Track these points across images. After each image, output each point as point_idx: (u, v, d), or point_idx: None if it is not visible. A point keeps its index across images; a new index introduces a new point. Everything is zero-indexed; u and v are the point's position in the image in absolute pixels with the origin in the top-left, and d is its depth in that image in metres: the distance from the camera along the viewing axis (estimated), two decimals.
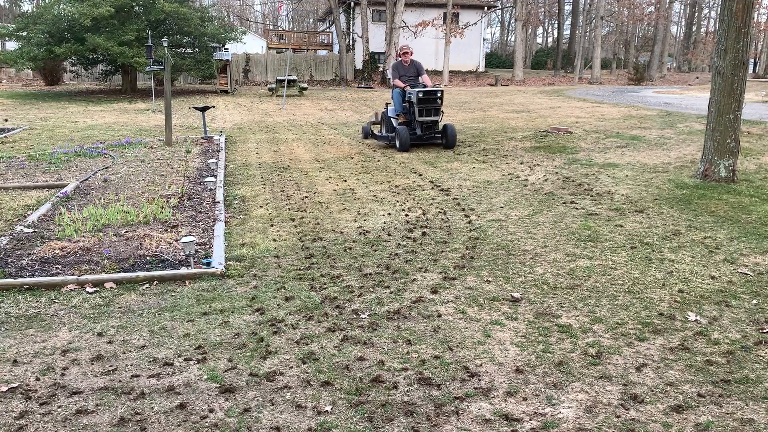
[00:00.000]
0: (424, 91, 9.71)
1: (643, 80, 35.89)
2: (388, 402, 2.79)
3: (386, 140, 10.55)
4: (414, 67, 10.54)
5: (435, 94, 9.81)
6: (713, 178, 7.31)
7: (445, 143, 10.20)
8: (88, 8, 19.41)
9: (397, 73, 10.48)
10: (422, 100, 9.75)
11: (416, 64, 10.61)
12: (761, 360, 3.17)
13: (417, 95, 9.65)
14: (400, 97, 10.31)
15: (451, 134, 10.13)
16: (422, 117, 9.92)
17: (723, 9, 7.10)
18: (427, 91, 9.73)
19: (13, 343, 3.38)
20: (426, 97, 9.76)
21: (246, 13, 68.43)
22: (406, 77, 10.45)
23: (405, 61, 10.51)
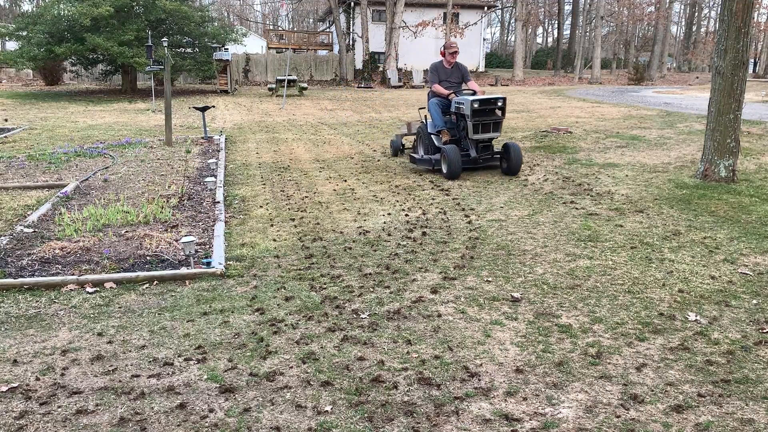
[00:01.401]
0: (482, 100, 7.56)
1: (643, 80, 35.88)
2: (388, 402, 2.79)
3: (428, 164, 8.28)
4: (459, 71, 8.42)
5: (495, 104, 7.62)
6: (713, 178, 7.31)
7: (507, 167, 7.90)
8: (88, 8, 19.41)
9: (436, 77, 8.32)
10: (478, 111, 7.58)
11: (461, 68, 8.47)
12: (761, 360, 3.17)
13: (472, 106, 7.50)
14: (439, 108, 8.18)
15: (516, 156, 7.79)
16: (478, 134, 7.72)
17: (723, 9, 7.10)
18: (485, 99, 7.59)
19: (13, 343, 3.38)
20: (483, 107, 7.57)
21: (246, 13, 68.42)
22: (448, 83, 8.35)
23: (448, 62, 8.32)
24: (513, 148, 7.83)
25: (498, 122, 7.72)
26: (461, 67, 8.48)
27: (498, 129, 7.77)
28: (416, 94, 25.45)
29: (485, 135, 7.77)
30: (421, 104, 20.34)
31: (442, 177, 7.89)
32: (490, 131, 7.75)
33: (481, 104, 7.54)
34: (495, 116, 7.69)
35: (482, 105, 7.56)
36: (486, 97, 7.60)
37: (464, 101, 7.64)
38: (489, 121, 7.66)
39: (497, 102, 7.62)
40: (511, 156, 7.81)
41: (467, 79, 8.44)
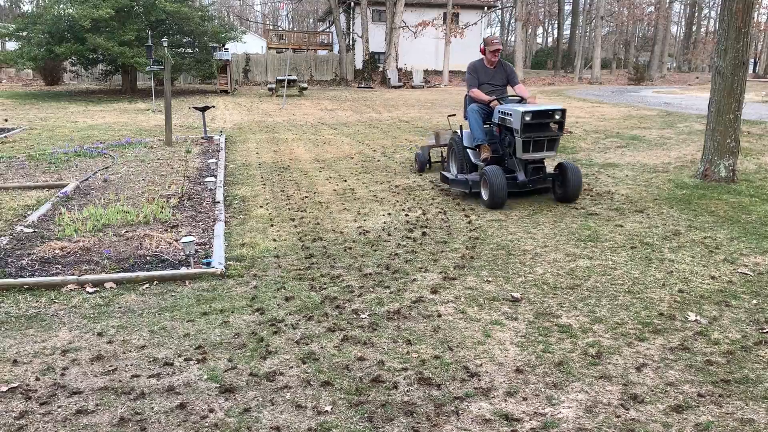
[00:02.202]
0: (536, 111, 5.99)
1: (643, 80, 35.89)
2: (388, 402, 2.79)
3: (463, 186, 6.70)
4: (503, 72, 6.95)
5: (552, 116, 6.08)
6: (713, 178, 7.31)
7: (562, 194, 6.39)
8: (88, 10, 19.42)
9: (475, 79, 6.85)
10: (530, 126, 6.00)
11: (506, 68, 7.02)
12: (761, 360, 3.17)
13: (522, 118, 5.94)
14: (480, 117, 6.67)
15: (575, 179, 6.28)
16: (529, 153, 6.17)
17: (723, 9, 7.10)
18: (540, 111, 6.01)
19: (13, 343, 3.38)
20: (537, 120, 6.01)
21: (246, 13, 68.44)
22: (490, 86, 6.84)
23: (490, 62, 6.85)
24: (571, 170, 6.29)
25: (554, 139, 6.19)
26: (506, 67, 6.99)
27: (553, 147, 6.25)
28: (416, 94, 25.45)
29: (538, 154, 6.18)
30: (421, 105, 20.38)
31: (480, 204, 6.43)
32: (543, 150, 6.18)
33: (534, 116, 5.95)
34: (551, 132, 6.11)
35: (536, 117, 5.97)
36: (541, 108, 6.02)
37: (512, 112, 6.10)
38: (543, 137, 6.09)
39: (555, 114, 6.04)
40: (569, 179, 6.27)
41: (514, 81, 6.95)
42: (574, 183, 6.29)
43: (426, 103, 20.98)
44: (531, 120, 5.97)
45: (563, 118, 6.09)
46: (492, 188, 6.11)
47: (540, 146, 6.17)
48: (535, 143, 6.12)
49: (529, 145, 6.11)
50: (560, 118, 6.08)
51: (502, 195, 6.12)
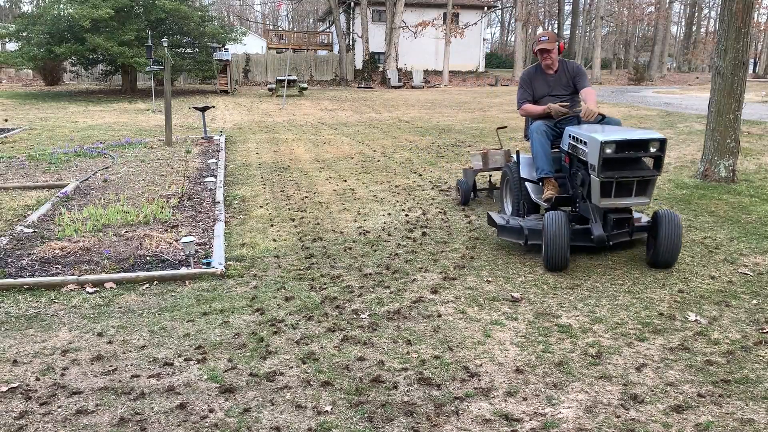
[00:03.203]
0: (624, 142, 4.18)
1: (643, 80, 35.90)
2: (388, 402, 2.79)
3: (517, 236, 4.85)
4: (565, 76, 5.16)
5: (647, 147, 4.22)
6: (713, 178, 7.31)
7: (654, 255, 4.51)
8: (88, 10, 19.42)
9: (527, 93, 5.21)
10: (613, 161, 4.23)
11: (571, 69, 5.19)
12: (761, 360, 3.17)
13: (602, 150, 4.14)
14: (548, 140, 4.97)
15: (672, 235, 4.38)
16: (610, 199, 4.31)
17: (723, 9, 7.10)
18: (631, 141, 4.19)
19: (13, 343, 3.38)
20: (623, 155, 4.21)
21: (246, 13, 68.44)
22: (552, 99, 5.11)
23: (547, 67, 5.13)
24: (669, 222, 4.35)
25: (648, 181, 4.28)
26: (570, 69, 5.15)
27: (646, 192, 4.31)
28: (416, 95, 25.46)
29: (622, 201, 4.30)
30: (421, 105, 20.37)
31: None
32: (632, 195, 4.29)
33: (620, 148, 4.15)
34: (644, 170, 4.25)
35: (622, 150, 4.17)
36: (632, 137, 4.17)
37: (588, 139, 4.29)
38: (632, 178, 4.21)
39: (651, 145, 4.17)
40: (662, 237, 4.35)
41: (581, 84, 5.12)
42: (669, 243, 4.32)
43: (426, 103, 20.99)
44: (615, 153, 4.13)
45: (662, 152, 4.18)
46: (548, 246, 4.37)
47: (626, 190, 4.27)
48: (619, 186, 4.23)
49: (610, 188, 4.23)
50: (657, 151, 4.17)
51: (560, 257, 4.35)
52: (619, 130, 4.48)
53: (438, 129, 13.33)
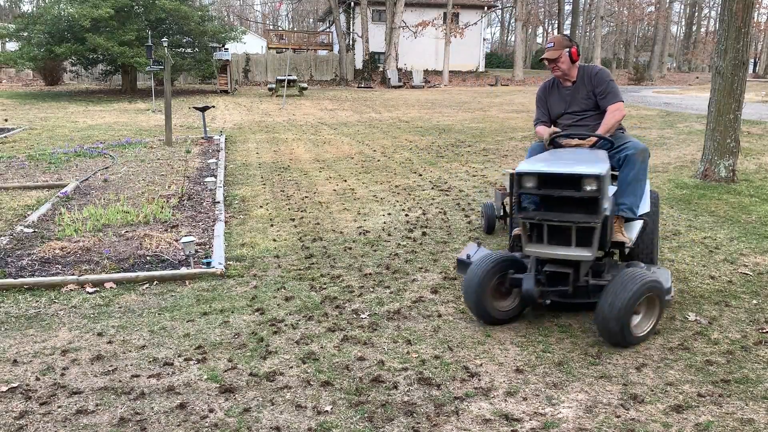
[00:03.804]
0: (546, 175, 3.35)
1: (643, 80, 35.91)
2: (388, 402, 2.79)
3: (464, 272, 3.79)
4: (585, 89, 4.06)
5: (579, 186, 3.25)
6: (713, 178, 7.31)
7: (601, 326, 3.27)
8: (88, 9, 19.42)
9: (542, 111, 4.29)
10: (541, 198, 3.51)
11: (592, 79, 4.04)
12: (761, 360, 3.17)
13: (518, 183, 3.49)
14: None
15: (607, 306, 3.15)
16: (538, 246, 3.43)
17: (723, 9, 7.10)
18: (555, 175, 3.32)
19: (13, 343, 3.38)
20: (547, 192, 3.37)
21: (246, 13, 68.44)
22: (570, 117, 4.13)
23: (564, 78, 4.13)
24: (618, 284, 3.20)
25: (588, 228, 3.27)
26: (592, 79, 4.04)
27: (590, 244, 3.28)
28: (416, 95, 25.45)
29: (553, 250, 3.38)
30: (421, 105, 20.37)
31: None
32: (570, 245, 3.33)
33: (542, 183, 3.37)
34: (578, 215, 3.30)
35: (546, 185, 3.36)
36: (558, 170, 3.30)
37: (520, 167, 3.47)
38: (557, 222, 3.32)
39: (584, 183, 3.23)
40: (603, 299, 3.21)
41: (605, 101, 3.98)
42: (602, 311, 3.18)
43: (426, 103, 20.98)
44: (537, 188, 3.37)
45: (599, 192, 3.20)
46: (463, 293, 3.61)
47: (562, 237, 3.35)
48: (553, 231, 3.37)
49: (536, 232, 3.44)
50: (594, 189, 3.20)
51: (473, 309, 3.56)
52: (557, 161, 3.44)
53: (438, 129, 13.33)
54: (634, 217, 3.77)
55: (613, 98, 3.98)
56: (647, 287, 3.19)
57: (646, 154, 3.85)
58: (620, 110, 3.93)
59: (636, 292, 3.14)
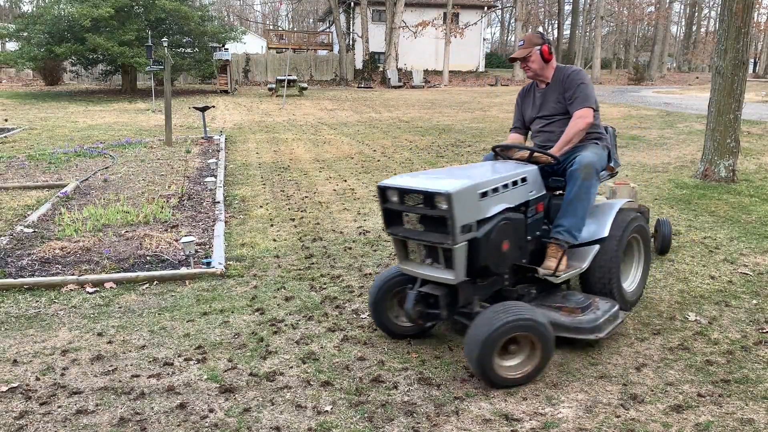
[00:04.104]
0: (403, 189, 3.00)
1: (643, 80, 35.90)
2: (388, 402, 2.79)
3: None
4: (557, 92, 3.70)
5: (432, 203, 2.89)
6: (713, 178, 7.31)
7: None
8: (88, 9, 19.43)
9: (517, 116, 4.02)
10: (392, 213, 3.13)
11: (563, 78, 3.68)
12: (761, 360, 3.17)
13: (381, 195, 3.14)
14: None
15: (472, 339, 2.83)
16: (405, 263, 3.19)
17: (723, 9, 7.11)
18: (409, 190, 2.97)
19: (13, 343, 3.38)
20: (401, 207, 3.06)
21: (246, 13, 68.44)
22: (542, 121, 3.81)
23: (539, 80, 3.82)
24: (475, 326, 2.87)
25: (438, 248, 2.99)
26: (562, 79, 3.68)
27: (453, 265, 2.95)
28: (416, 94, 25.45)
29: (417, 269, 3.13)
30: (421, 105, 20.38)
31: None
32: (432, 264, 3.07)
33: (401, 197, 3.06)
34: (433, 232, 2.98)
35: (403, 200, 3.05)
36: (413, 186, 2.97)
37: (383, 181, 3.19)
38: (415, 239, 3.06)
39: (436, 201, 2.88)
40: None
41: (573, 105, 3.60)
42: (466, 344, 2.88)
43: (426, 103, 20.99)
44: (399, 204, 3.06)
45: (449, 212, 2.82)
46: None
47: (426, 255, 3.10)
48: (418, 248, 3.12)
49: (401, 248, 3.19)
50: (444, 209, 2.84)
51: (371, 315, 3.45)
52: (427, 175, 3.20)
53: (438, 129, 13.33)
54: (573, 241, 3.36)
55: (581, 104, 3.56)
56: (516, 325, 2.77)
57: (590, 170, 3.35)
58: (584, 118, 3.53)
59: (498, 329, 2.74)
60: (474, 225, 2.94)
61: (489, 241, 2.97)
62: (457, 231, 2.86)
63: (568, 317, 3.19)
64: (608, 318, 3.23)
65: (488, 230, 2.97)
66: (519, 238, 3.17)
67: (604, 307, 3.30)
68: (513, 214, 3.13)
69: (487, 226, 2.98)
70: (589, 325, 3.15)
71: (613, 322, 3.26)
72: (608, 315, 3.24)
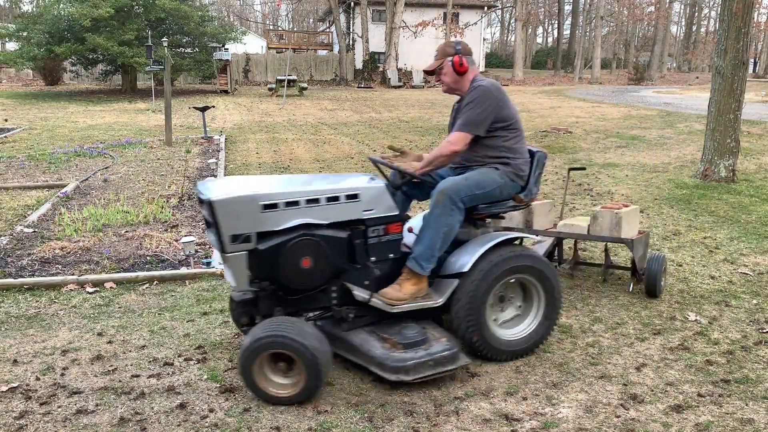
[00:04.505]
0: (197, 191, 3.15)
1: (643, 80, 35.90)
2: (388, 402, 2.79)
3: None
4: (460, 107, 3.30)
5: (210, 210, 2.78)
6: (713, 178, 7.31)
7: None
8: (88, 9, 19.43)
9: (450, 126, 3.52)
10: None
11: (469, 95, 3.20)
12: (761, 360, 3.17)
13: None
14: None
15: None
16: None
17: (723, 9, 7.11)
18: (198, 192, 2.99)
19: (13, 343, 3.38)
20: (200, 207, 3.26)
21: (246, 13, 68.46)
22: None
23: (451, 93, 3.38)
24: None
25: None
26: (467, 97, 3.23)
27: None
28: (416, 94, 25.45)
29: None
30: (421, 105, 20.37)
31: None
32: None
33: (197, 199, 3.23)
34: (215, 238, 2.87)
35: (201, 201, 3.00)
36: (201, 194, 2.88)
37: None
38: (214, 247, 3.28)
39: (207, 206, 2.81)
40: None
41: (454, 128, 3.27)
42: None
43: (426, 103, 20.98)
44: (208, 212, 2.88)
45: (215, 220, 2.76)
46: None
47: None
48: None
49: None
50: (212, 216, 2.78)
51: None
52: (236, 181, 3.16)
53: (438, 129, 13.32)
54: (420, 271, 3.01)
55: (458, 127, 3.17)
56: (269, 342, 2.68)
57: (442, 197, 3.01)
58: (451, 144, 3.13)
59: (254, 344, 2.68)
60: (253, 236, 2.79)
61: (279, 256, 2.80)
62: (226, 240, 2.76)
63: (381, 350, 2.90)
64: (428, 362, 2.85)
65: (277, 244, 2.80)
66: (336, 257, 2.91)
67: (435, 350, 2.91)
68: (324, 231, 2.88)
69: (275, 239, 2.81)
70: (393, 363, 2.83)
71: (436, 367, 2.87)
72: (431, 358, 2.86)
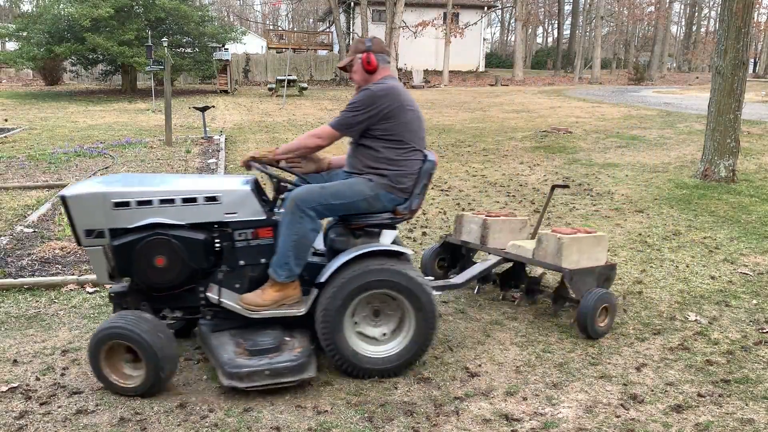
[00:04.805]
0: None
1: (643, 80, 35.89)
2: (388, 402, 2.79)
3: None
4: None
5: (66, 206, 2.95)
6: (713, 178, 7.31)
7: None
8: (88, 9, 19.43)
9: None
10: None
11: None
12: (761, 360, 3.17)
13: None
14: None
15: None
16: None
17: (723, 9, 7.11)
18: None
19: (13, 343, 3.38)
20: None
21: (246, 13, 68.47)
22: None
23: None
24: None
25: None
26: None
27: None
28: (416, 94, 25.45)
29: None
30: (421, 105, 20.28)
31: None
32: None
33: None
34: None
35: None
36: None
37: None
38: None
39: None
40: None
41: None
42: None
43: (426, 103, 20.99)
44: None
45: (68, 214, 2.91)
46: None
47: None
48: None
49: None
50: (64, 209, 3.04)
51: None
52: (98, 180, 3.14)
53: (438, 129, 13.32)
54: (276, 278, 2.95)
55: (332, 122, 3.07)
56: (110, 333, 2.75)
57: (291, 205, 2.91)
58: (319, 137, 3.04)
59: (97, 335, 2.78)
60: (106, 232, 2.89)
61: (132, 253, 2.87)
62: (80, 233, 2.91)
63: (230, 354, 2.87)
64: (266, 371, 2.78)
65: (129, 241, 2.87)
66: (195, 258, 2.92)
67: (279, 359, 2.84)
68: (180, 232, 2.90)
69: (128, 237, 2.88)
70: (230, 369, 2.79)
71: (273, 377, 2.79)
72: (270, 368, 2.79)
